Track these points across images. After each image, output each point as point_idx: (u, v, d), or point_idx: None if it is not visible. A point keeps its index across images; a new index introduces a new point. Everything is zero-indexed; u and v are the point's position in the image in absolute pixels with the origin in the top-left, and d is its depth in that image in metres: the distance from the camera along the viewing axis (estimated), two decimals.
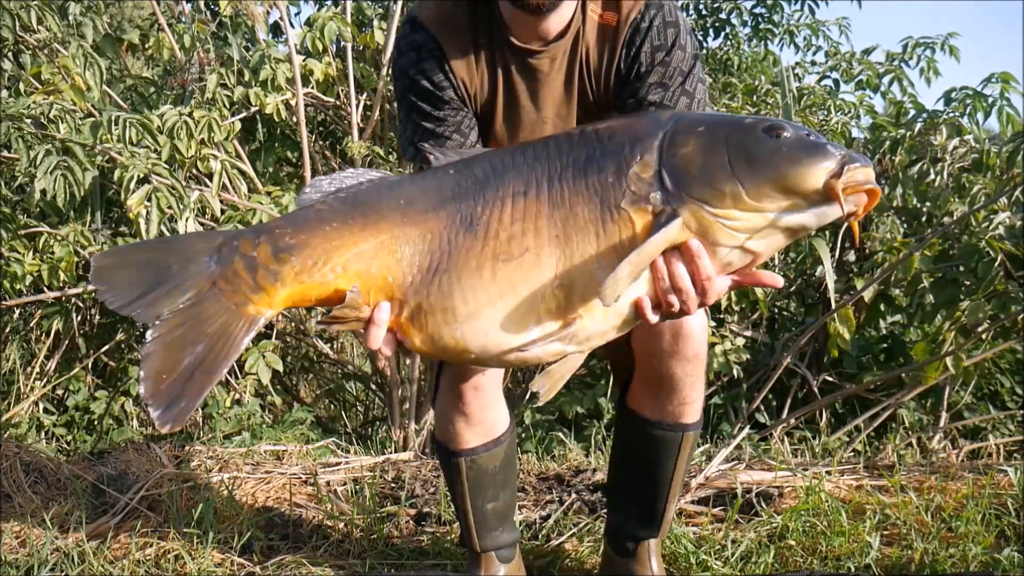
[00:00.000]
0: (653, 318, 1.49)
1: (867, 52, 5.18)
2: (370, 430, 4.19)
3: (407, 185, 1.58)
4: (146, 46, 4.13)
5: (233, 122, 3.52)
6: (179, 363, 1.46)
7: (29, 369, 3.90)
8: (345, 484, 2.92)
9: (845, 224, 4.29)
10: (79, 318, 3.88)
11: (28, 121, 2.90)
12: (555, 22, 1.81)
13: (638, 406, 2.02)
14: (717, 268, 1.46)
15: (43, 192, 2.92)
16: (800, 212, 1.43)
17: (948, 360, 3.38)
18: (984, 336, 3.45)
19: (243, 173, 3.42)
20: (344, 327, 1.54)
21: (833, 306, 3.67)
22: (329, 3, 4.24)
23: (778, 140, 1.44)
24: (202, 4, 4.11)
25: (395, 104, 4.11)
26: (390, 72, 2.78)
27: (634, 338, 1.94)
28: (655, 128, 1.51)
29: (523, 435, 3.68)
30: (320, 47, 3.72)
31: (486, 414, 2.00)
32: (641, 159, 1.48)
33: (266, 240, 1.52)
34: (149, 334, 1.47)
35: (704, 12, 5.43)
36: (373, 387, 4.38)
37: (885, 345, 4.13)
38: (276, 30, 4.33)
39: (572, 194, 1.50)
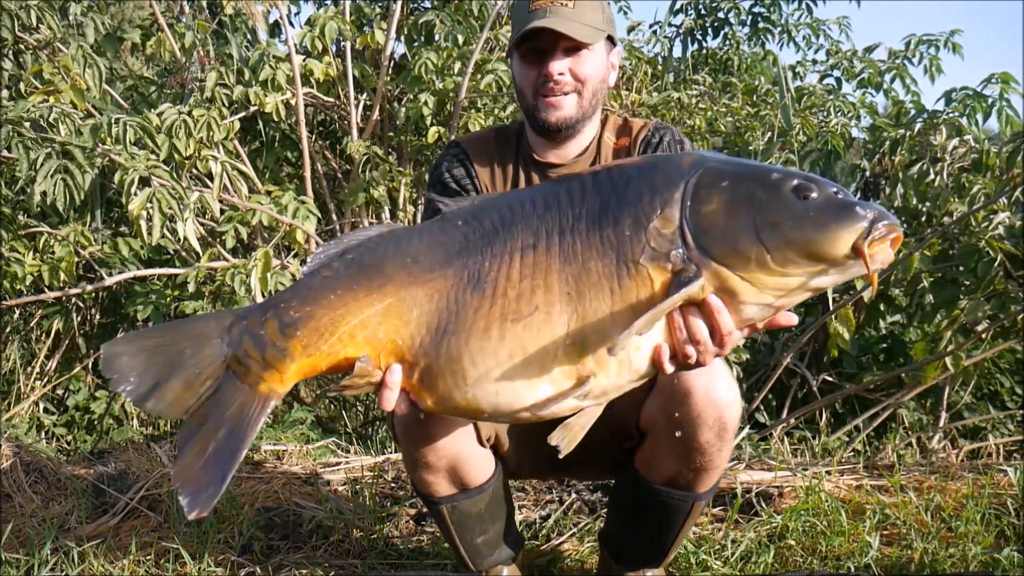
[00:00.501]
0: (669, 368, 1.45)
1: (869, 50, 5.18)
2: (370, 430, 4.19)
3: (414, 241, 1.54)
4: (146, 45, 4.13)
5: (232, 121, 3.52)
6: (205, 451, 1.47)
7: (29, 369, 3.90)
8: (345, 484, 2.92)
9: None
10: (79, 318, 3.89)
11: (28, 124, 2.89)
12: (574, 147, 2.01)
13: (648, 471, 1.92)
14: (736, 322, 1.42)
15: (43, 194, 2.92)
16: (825, 275, 1.39)
17: (948, 360, 3.39)
18: (984, 336, 3.45)
19: (243, 174, 3.42)
20: (357, 391, 1.53)
21: (831, 305, 3.67)
22: (329, 3, 4.24)
23: (805, 202, 1.37)
24: (204, 3, 4.11)
25: (394, 104, 4.13)
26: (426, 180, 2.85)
27: (652, 404, 1.86)
28: (676, 178, 1.44)
29: None
30: (320, 47, 3.72)
31: (450, 463, 1.88)
32: (662, 213, 1.41)
33: (272, 316, 1.51)
34: (182, 427, 1.49)
35: (703, 12, 5.42)
36: None
37: (885, 345, 4.13)
38: (276, 29, 4.33)
39: (585, 248, 1.43)
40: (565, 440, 1.51)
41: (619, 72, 4.08)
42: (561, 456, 1.53)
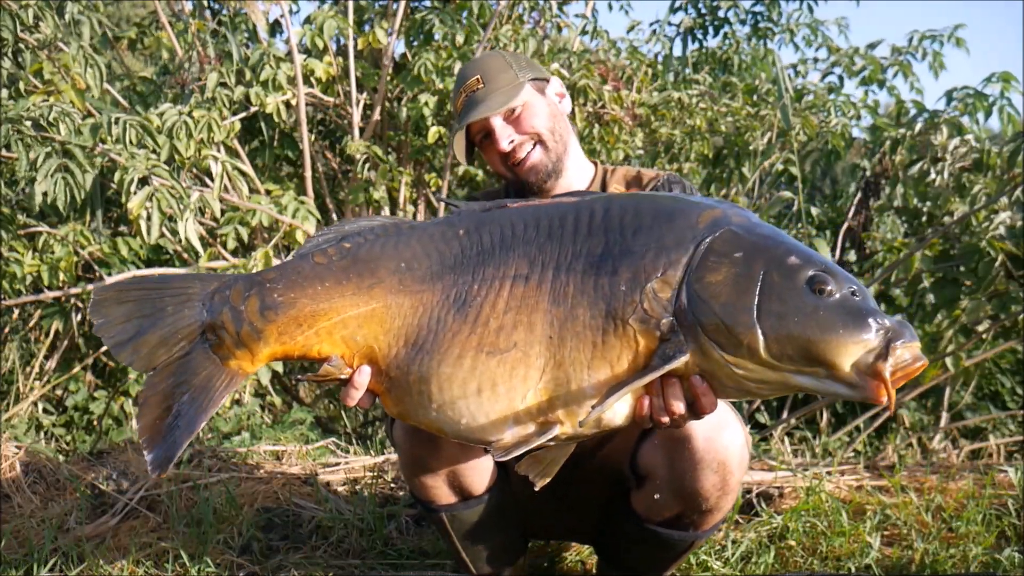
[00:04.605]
0: (644, 426, 1.43)
1: (872, 46, 5.17)
2: (370, 430, 4.18)
3: (413, 242, 1.50)
4: (144, 43, 4.13)
5: (233, 122, 3.51)
6: (168, 412, 1.48)
7: (28, 369, 3.89)
8: (345, 484, 2.91)
9: (846, 224, 4.33)
10: (79, 318, 3.88)
11: (28, 124, 2.89)
12: (565, 184, 2.03)
13: (648, 513, 1.85)
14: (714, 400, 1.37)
15: (44, 194, 2.91)
16: (815, 379, 1.28)
17: (948, 360, 3.39)
18: (985, 336, 3.45)
19: (243, 173, 3.42)
20: (323, 383, 1.52)
21: None
22: (330, 1, 4.24)
23: (818, 299, 1.27)
24: (204, 2, 4.11)
25: (394, 104, 4.12)
26: None
27: (650, 449, 1.81)
28: (687, 238, 1.36)
29: None
30: (320, 45, 3.72)
31: (451, 468, 1.84)
32: (663, 275, 1.34)
33: (256, 293, 1.49)
34: (147, 380, 1.49)
35: (703, 11, 5.42)
36: None
37: None
38: (276, 28, 4.32)
39: (577, 292, 1.37)
40: (535, 472, 1.49)
41: (619, 72, 4.09)
42: (536, 489, 1.50)
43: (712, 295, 1.31)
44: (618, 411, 1.39)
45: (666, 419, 1.38)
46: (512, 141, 1.97)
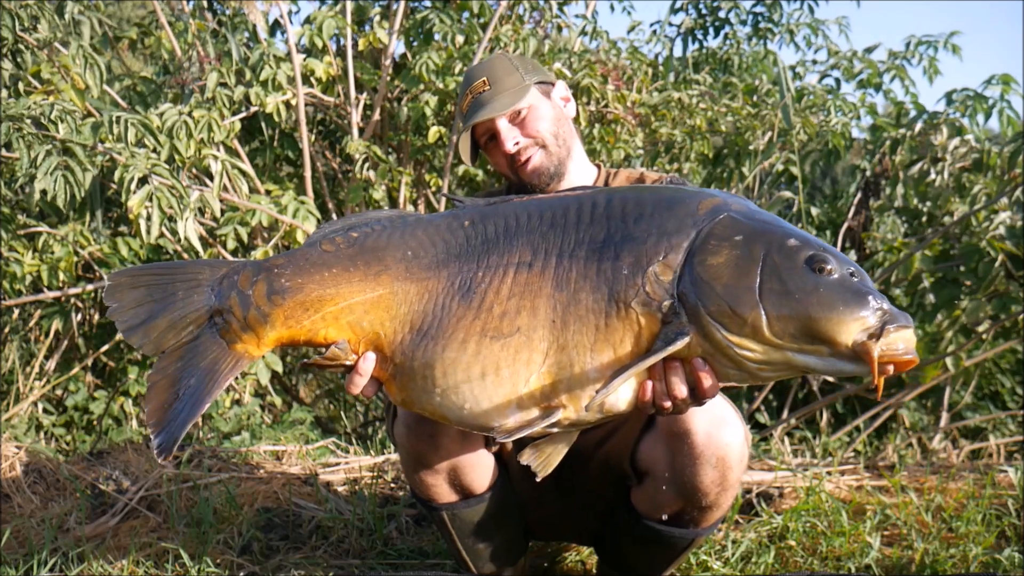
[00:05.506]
0: (647, 412, 1.44)
1: (869, 51, 5.17)
2: (370, 430, 4.18)
3: (419, 232, 1.53)
4: (145, 43, 4.13)
5: (233, 122, 3.51)
6: (176, 395, 1.51)
7: (28, 369, 3.89)
8: (345, 484, 2.91)
9: (846, 224, 4.33)
10: (79, 318, 3.88)
11: (28, 121, 2.89)
12: (567, 185, 2.02)
13: (648, 510, 1.88)
14: (716, 383, 1.38)
15: (43, 192, 2.91)
16: (818, 358, 1.31)
17: (948, 360, 3.39)
18: (985, 336, 3.45)
19: (243, 172, 3.41)
20: (328, 370, 1.54)
21: None
22: (330, 0, 4.24)
23: (818, 277, 1.31)
24: (204, 2, 4.11)
25: (395, 104, 4.12)
26: None
27: (650, 445, 1.84)
28: (688, 224, 1.38)
29: None
30: (320, 44, 3.72)
31: (452, 465, 1.85)
32: (664, 259, 1.37)
33: (263, 278, 1.52)
34: (155, 364, 1.52)
35: (704, 11, 5.42)
36: None
37: None
38: (276, 27, 4.32)
39: (580, 277, 1.40)
40: (537, 463, 1.50)
41: (620, 72, 4.09)
42: (538, 480, 1.52)
43: (714, 276, 1.33)
44: (621, 396, 1.40)
45: (668, 404, 1.40)
46: (517, 143, 1.99)
